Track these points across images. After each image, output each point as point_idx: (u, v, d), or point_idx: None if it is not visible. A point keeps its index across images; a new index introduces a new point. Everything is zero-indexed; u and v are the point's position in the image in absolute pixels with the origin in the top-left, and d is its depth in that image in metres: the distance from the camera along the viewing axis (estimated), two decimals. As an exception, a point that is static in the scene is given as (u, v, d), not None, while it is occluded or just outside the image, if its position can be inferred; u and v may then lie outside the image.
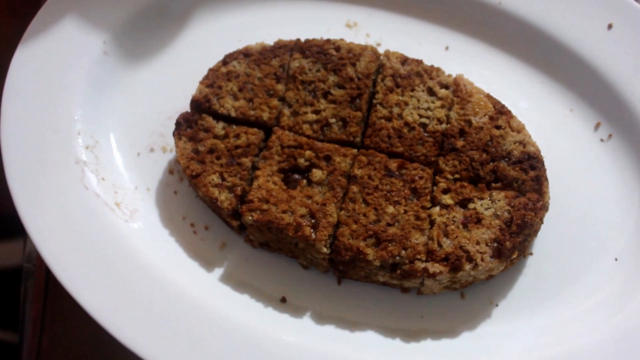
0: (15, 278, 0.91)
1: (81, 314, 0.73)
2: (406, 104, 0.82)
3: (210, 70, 0.86)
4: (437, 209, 0.77)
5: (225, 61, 0.86)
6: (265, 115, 0.82)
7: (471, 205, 0.77)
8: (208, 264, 0.81)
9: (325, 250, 0.75)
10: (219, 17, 0.97)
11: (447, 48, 0.93)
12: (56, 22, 0.88)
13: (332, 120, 0.81)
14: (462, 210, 0.77)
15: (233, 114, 0.82)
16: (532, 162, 0.79)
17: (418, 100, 0.82)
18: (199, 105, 0.83)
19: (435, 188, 0.79)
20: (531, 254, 0.82)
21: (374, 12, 0.95)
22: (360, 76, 0.83)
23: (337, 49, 0.85)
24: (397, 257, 0.74)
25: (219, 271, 0.81)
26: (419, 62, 0.85)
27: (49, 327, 0.86)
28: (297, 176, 0.79)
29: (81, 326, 0.79)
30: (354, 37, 0.93)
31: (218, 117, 0.83)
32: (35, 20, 0.88)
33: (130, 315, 0.74)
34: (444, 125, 0.81)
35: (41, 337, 0.86)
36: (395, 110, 0.82)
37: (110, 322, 0.73)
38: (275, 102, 0.83)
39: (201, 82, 0.85)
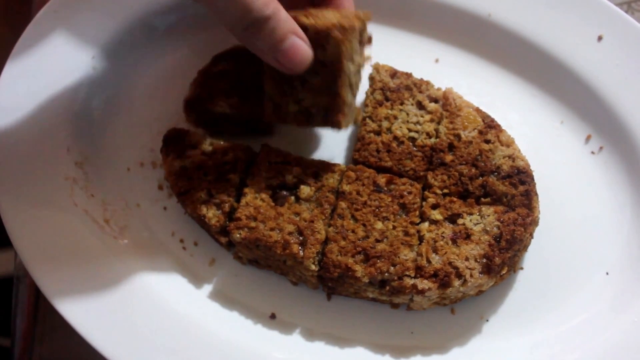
0: (7, 287, 0.91)
1: (71, 328, 0.73)
2: (395, 117, 0.82)
3: (200, 71, 0.86)
4: (426, 224, 0.77)
5: (214, 62, 0.86)
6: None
7: (460, 221, 0.77)
8: (197, 280, 0.81)
9: (313, 267, 0.74)
10: (202, 33, 0.96)
11: (437, 60, 0.92)
12: (45, 37, 0.88)
13: (314, 111, 0.79)
14: (451, 225, 0.77)
15: (228, 110, 0.82)
16: (521, 177, 0.78)
17: (407, 114, 0.82)
18: (192, 105, 0.83)
19: (424, 203, 0.78)
20: (522, 268, 0.81)
21: (364, 25, 0.95)
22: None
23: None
24: (386, 274, 0.74)
25: (208, 287, 0.81)
26: (409, 75, 0.84)
27: (40, 339, 0.86)
28: (285, 193, 0.78)
29: (72, 340, 0.79)
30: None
31: (208, 124, 0.82)
32: (24, 36, 0.88)
33: (118, 332, 0.73)
34: (433, 140, 0.81)
35: (32, 350, 0.86)
36: (385, 124, 0.81)
37: (97, 338, 0.73)
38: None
39: (192, 83, 0.84)
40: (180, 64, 0.94)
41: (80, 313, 0.74)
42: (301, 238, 0.75)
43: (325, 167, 0.80)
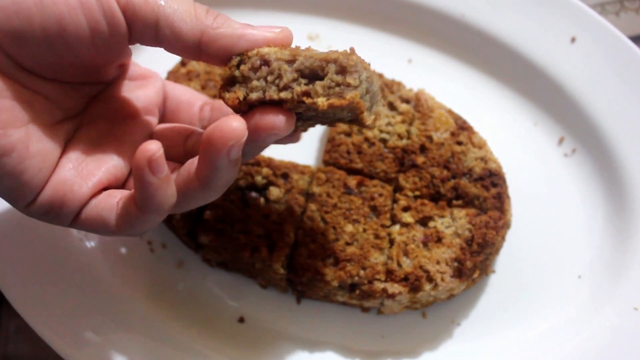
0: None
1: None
2: (366, 118, 0.81)
3: (170, 72, 0.84)
4: (397, 227, 0.76)
5: (183, 62, 0.85)
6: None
7: (432, 224, 0.76)
8: (165, 282, 0.79)
9: (282, 270, 0.73)
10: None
11: (410, 61, 0.91)
12: None
13: None
14: (422, 228, 0.76)
15: None
16: (493, 179, 0.77)
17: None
18: None
19: (395, 206, 0.77)
20: (493, 272, 0.80)
21: (337, 24, 0.94)
22: None
23: None
24: (356, 278, 0.72)
25: (175, 290, 0.79)
26: (380, 75, 0.84)
27: (4, 341, 0.84)
28: (254, 194, 0.77)
29: (37, 342, 0.77)
30: (316, 49, 0.91)
31: None
32: None
33: (83, 336, 0.72)
34: (404, 141, 0.80)
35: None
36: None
37: (61, 344, 0.71)
38: None
39: None
40: (151, 61, 0.92)
41: (43, 317, 0.72)
42: (270, 241, 0.74)
43: (295, 168, 0.78)
